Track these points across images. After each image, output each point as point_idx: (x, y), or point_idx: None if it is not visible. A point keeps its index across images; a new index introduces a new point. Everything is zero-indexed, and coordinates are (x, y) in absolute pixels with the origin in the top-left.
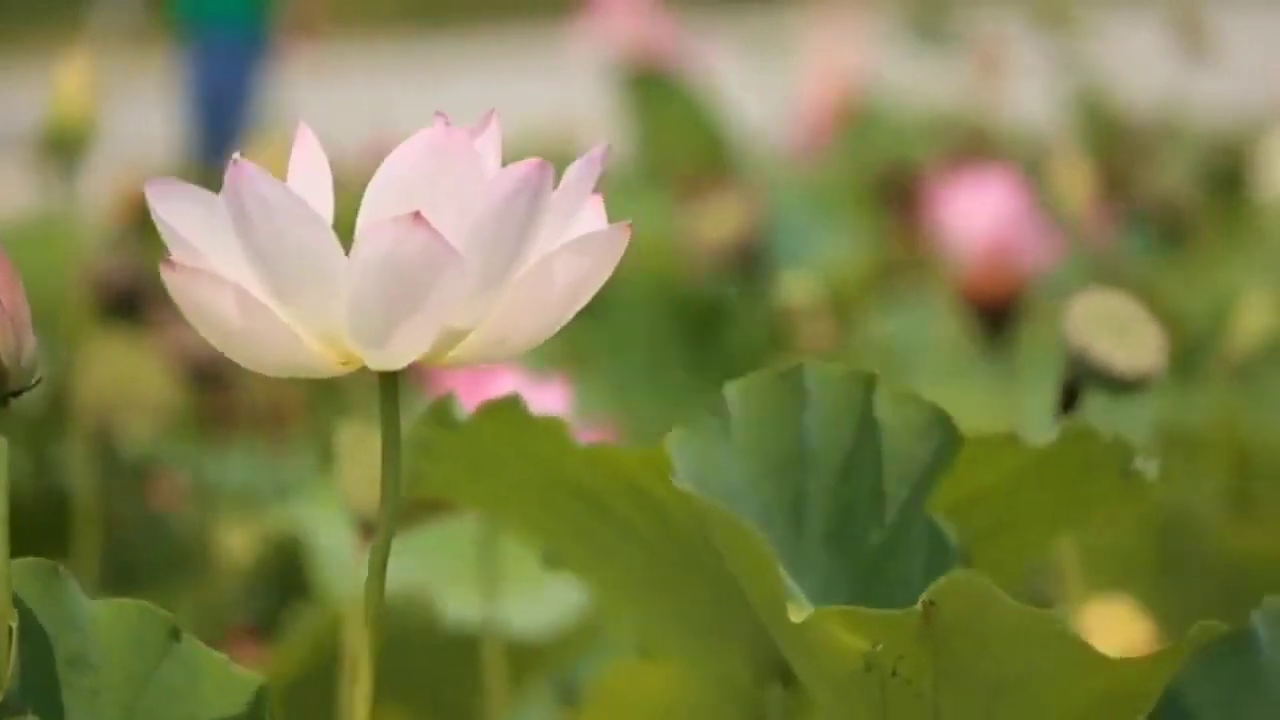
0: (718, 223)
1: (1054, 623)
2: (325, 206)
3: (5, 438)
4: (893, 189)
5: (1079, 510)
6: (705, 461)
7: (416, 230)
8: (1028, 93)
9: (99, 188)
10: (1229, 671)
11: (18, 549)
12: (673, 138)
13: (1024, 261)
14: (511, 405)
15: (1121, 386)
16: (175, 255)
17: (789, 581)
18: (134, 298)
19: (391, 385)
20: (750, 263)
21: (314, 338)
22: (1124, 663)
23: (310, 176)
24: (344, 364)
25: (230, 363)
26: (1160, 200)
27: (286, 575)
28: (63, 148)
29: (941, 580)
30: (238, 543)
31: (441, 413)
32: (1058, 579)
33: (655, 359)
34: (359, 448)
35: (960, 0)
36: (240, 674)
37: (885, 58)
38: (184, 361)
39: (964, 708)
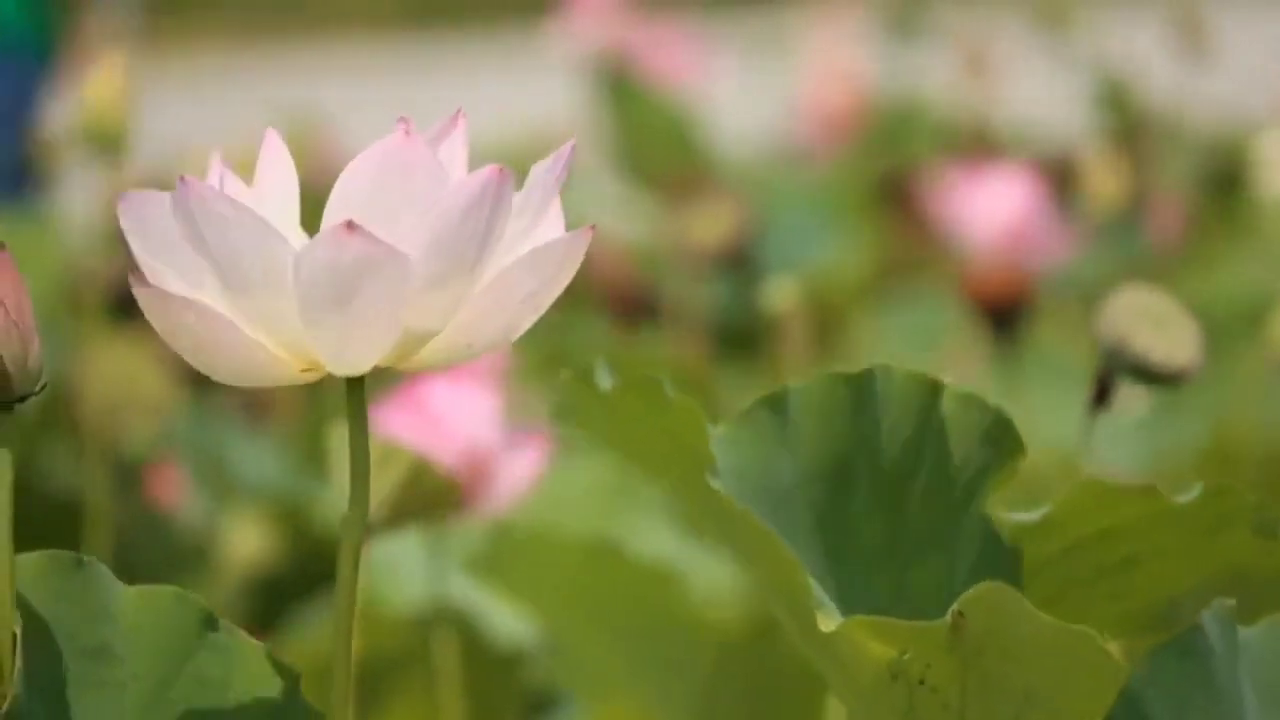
0: (708, 225)
1: (1082, 636)
2: (289, 212)
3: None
4: (894, 189)
5: (1216, 558)
6: (756, 460)
7: (352, 238)
8: (1026, 91)
9: (95, 189)
10: (1180, 672)
11: (23, 553)
12: (646, 140)
13: (1036, 259)
14: (653, 383)
15: (1160, 380)
16: (143, 268)
17: (818, 590)
18: (132, 299)
19: (358, 390)
20: (741, 265)
21: (278, 346)
22: None
23: (276, 184)
24: (309, 370)
25: None
26: (1168, 200)
27: (306, 570)
28: (97, 145)
29: (971, 591)
30: (247, 539)
31: (585, 378)
32: None
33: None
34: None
35: (953, 0)
36: (279, 664)
37: (883, 58)
38: (180, 361)
39: (992, 718)
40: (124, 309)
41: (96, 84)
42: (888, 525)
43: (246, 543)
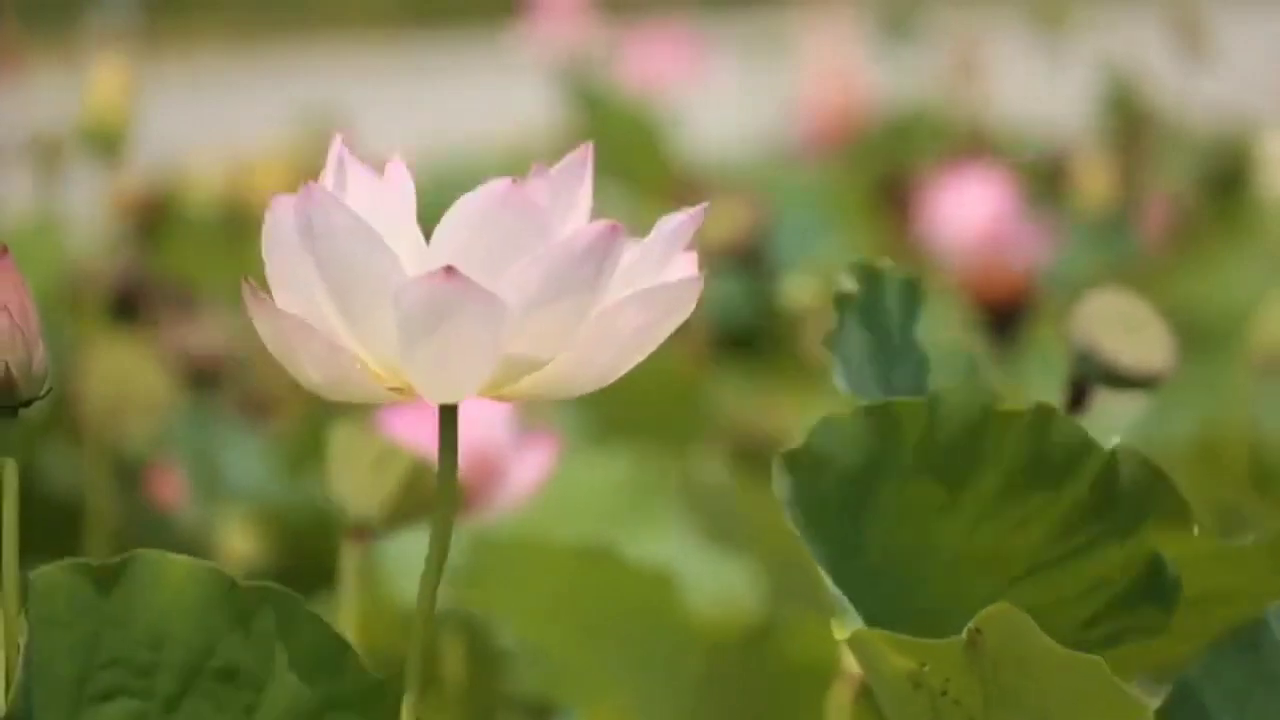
0: (721, 223)
1: (1092, 665)
2: (403, 232)
3: (4, 443)
4: (890, 191)
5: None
6: (860, 449)
7: (450, 283)
8: (1025, 90)
9: (94, 190)
10: (1242, 666)
11: (22, 555)
12: (615, 143)
13: (1013, 260)
14: None
15: (1129, 386)
16: (267, 265)
17: (835, 594)
18: (133, 299)
19: (451, 418)
20: (754, 263)
21: (375, 363)
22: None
23: (391, 201)
24: (399, 391)
25: (228, 362)
26: (1160, 200)
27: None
28: (98, 146)
29: (988, 610)
30: (245, 541)
31: None
32: None
33: None
34: (352, 448)
35: (946, 1)
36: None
37: (881, 59)
38: (181, 361)
39: None
40: (124, 309)
41: (97, 85)
42: (1019, 539)
43: (244, 544)
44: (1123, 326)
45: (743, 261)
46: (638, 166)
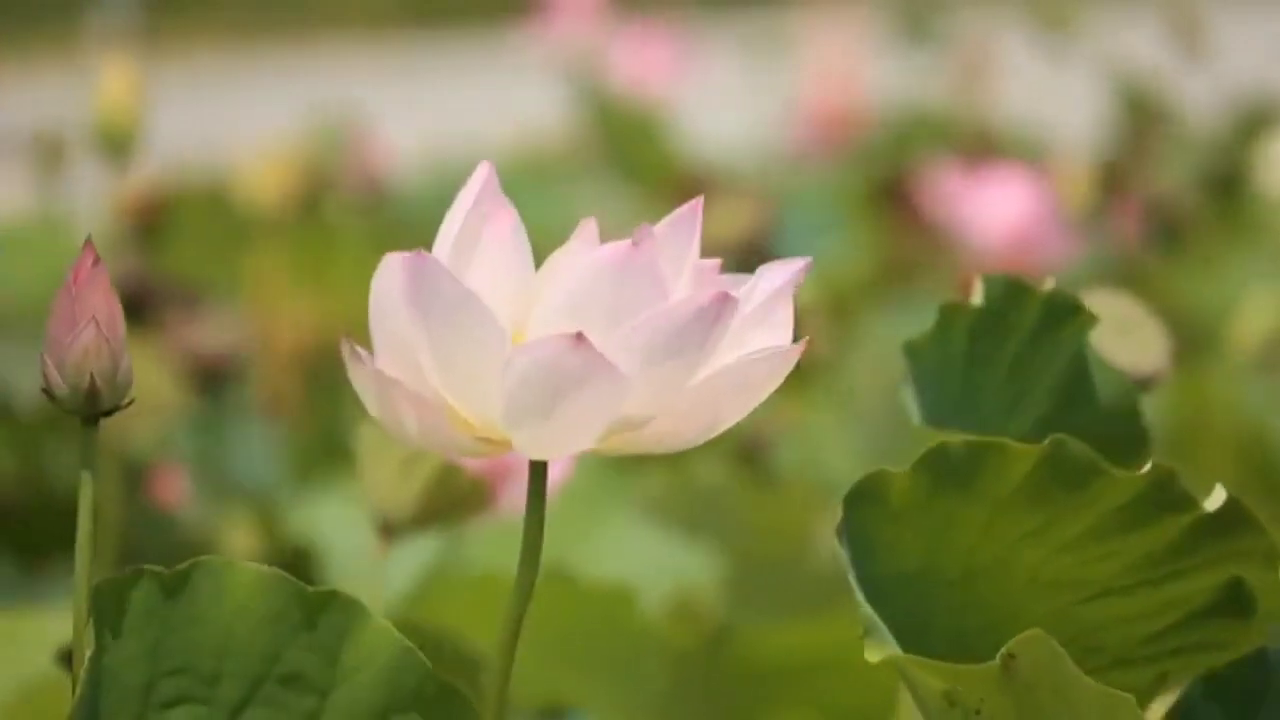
0: (727, 221)
1: (1122, 701)
2: (512, 290)
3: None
4: (892, 191)
5: None
6: (963, 480)
7: (578, 349)
8: (1029, 92)
9: (97, 191)
10: (1240, 688)
11: (23, 554)
12: (622, 143)
13: (1041, 260)
14: None
15: None
16: (373, 327)
17: (871, 618)
18: (139, 300)
19: (541, 472)
20: (759, 261)
21: (469, 415)
22: None
23: (503, 264)
24: (490, 443)
25: (232, 363)
26: (1160, 200)
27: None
28: (109, 148)
29: (1022, 635)
30: (244, 541)
31: None
32: None
33: None
34: (380, 448)
35: (950, 1)
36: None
37: (889, 60)
38: (187, 362)
39: None
40: (130, 310)
41: (106, 86)
42: (1097, 568)
43: (248, 545)
44: (1117, 327)
45: (748, 259)
46: (642, 165)
